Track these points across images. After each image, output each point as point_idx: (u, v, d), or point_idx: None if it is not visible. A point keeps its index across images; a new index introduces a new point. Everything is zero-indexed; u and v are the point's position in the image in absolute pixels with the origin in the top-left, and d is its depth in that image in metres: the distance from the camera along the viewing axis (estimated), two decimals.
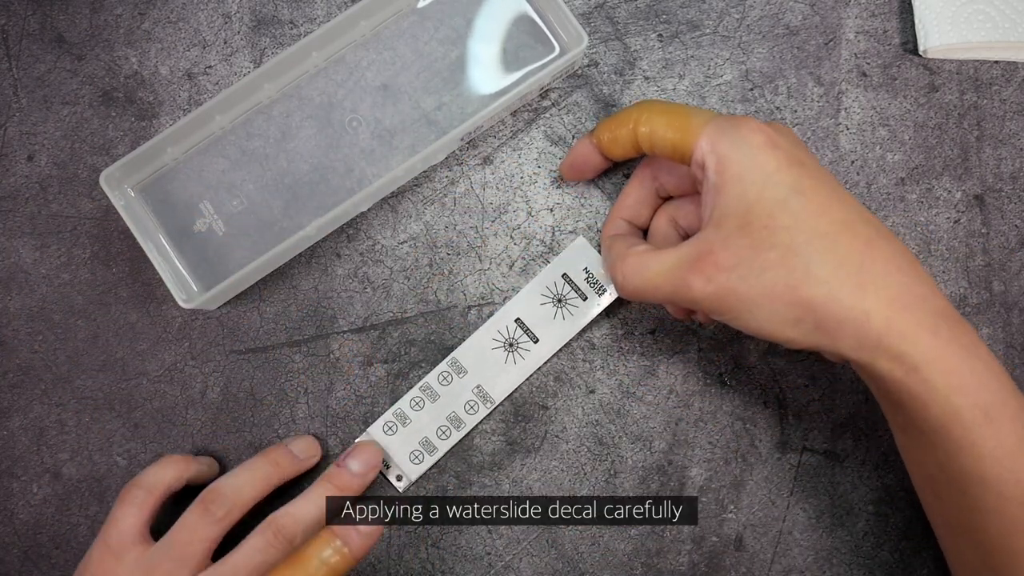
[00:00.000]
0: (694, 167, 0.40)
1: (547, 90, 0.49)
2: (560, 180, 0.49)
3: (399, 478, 0.47)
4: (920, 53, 0.49)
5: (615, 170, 0.49)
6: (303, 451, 0.46)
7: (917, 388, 0.36)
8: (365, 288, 0.49)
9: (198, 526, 0.42)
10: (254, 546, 0.41)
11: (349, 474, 0.45)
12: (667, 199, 0.46)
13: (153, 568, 0.41)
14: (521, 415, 0.48)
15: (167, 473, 0.44)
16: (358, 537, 0.41)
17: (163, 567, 0.41)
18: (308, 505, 0.43)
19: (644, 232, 0.47)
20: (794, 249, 0.37)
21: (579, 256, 0.48)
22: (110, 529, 0.42)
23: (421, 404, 0.47)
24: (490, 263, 0.49)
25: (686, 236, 0.45)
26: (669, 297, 0.40)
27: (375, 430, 0.47)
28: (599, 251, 0.48)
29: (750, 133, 0.38)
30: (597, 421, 0.48)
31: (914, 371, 0.36)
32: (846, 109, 0.49)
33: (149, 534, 0.43)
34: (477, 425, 0.47)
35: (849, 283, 0.36)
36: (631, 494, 0.47)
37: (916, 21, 0.48)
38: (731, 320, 0.39)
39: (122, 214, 0.45)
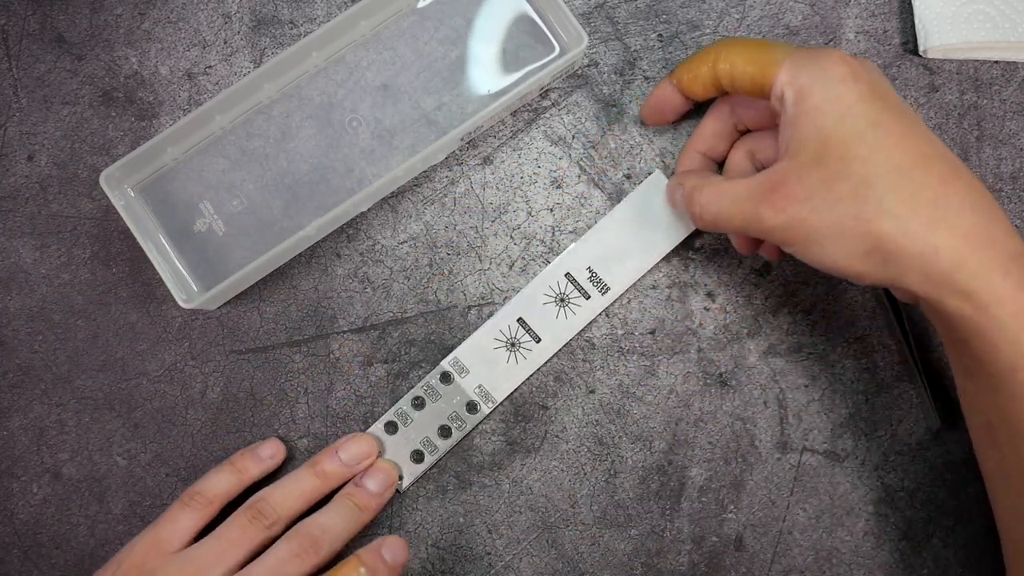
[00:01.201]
0: (773, 100, 0.40)
1: (547, 90, 0.49)
2: (641, 124, 0.49)
3: (400, 478, 0.47)
4: (920, 53, 0.49)
5: (621, 162, 0.49)
6: (353, 457, 0.46)
7: (985, 327, 0.36)
8: (365, 288, 0.49)
9: (248, 529, 0.43)
10: (285, 553, 0.42)
11: (368, 493, 0.45)
12: (744, 133, 0.46)
13: (194, 560, 0.42)
14: (521, 415, 0.48)
15: (230, 484, 0.45)
16: (385, 569, 0.42)
17: (204, 560, 0.42)
18: (334, 516, 0.44)
19: (719, 167, 0.47)
20: (867, 181, 0.37)
21: (655, 190, 0.47)
22: (166, 526, 0.43)
23: (422, 403, 0.47)
24: (490, 263, 0.49)
25: (762, 170, 0.45)
26: (742, 227, 0.40)
27: (376, 430, 0.47)
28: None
29: (832, 66, 0.38)
30: (597, 421, 0.48)
31: (983, 310, 0.36)
32: None
33: (195, 539, 0.44)
34: (478, 425, 0.47)
35: (921, 218, 0.36)
36: (631, 494, 0.47)
37: (916, 21, 0.48)
38: (800, 252, 0.39)
39: (122, 214, 0.45)
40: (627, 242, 0.48)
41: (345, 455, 0.45)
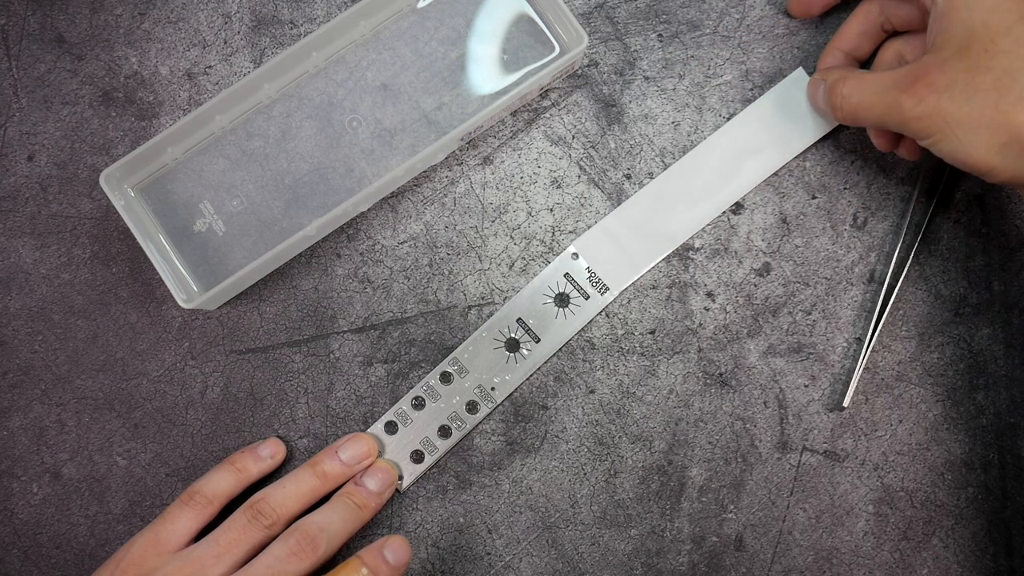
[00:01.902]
0: None
1: (547, 90, 0.49)
2: (787, 15, 0.49)
3: (400, 478, 0.47)
4: None
5: (621, 162, 0.49)
6: (353, 458, 0.46)
7: None
8: (365, 288, 0.49)
9: (247, 530, 0.43)
10: (282, 552, 0.42)
11: (367, 492, 0.45)
12: (889, 36, 0.46)
13: (193, 560, 0.42)
14: (521, 415, 0.48)
15: (230, 484, 0.45)
16: (387, 569, 0.42)
17: (203, 560, 0.42)
18: (332, 515, 0.44)
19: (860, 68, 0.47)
20: (1011, 74, 0.37)
21: (796, 88, 0.48)
22: (165, 525, 0.43)
23: (422, 403, 0.47)
24: (490, 263, 0.49)
25: None
26: (881, 117, 0.41)
27: (376, 430, 0.47)
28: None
29: None
30: (597, 421, 0.48)
31: None
32: None
33: (195, 538, 0.44)
34: (478, 425, 0.47)
35: None
36: (631, 494, 0.47)
37: None
38: (935, 144, 0.39)
39: (122, 214, 0.45)
40: (762, 137, 0.48)
41: (345, 455, 0.45)
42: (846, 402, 0.47)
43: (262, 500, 0.44)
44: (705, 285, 0.48)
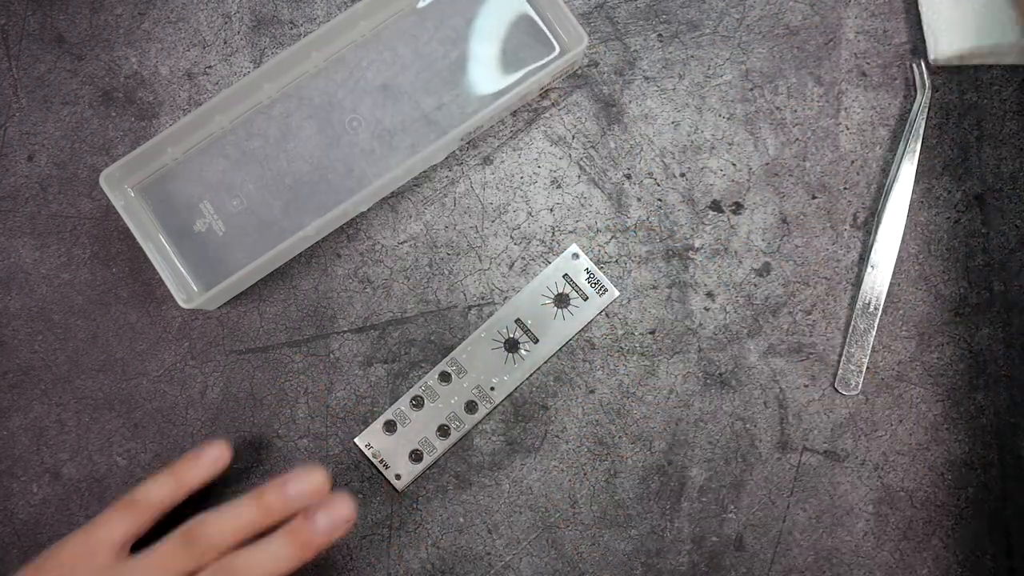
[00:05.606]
0: None
1: (547, 90, 0.49)
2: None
3: (398, 477, 0.47)
4: (930, 61, 0.48)
5: (621, 162, 0.49)
6: (300, 493, 0.41)
7: None
8: (365, 288, 0.49)
9: (178, 554, 0.41)
10: None
11: (314, 529, 0.41)
12: None
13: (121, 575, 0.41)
14: (521, 415, 0.48)
15: (169, 492, 0.43)
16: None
17: None
18: (263, 555, 0.41)
19: None
20: None
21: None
22: (98, 531, 0.42)
23: (421, 403, 0.47)
24: (490, 263, 0.49)
25: None
26: None
27: (375, 429, 0.47)
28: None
29: None
30: (597, 421, 0.48)
31: None
32: (846, 109, 0.49)
33: (129, 548, 0.42)
34: (477, 425, 0.47)
35: None
36: (631, 494, 0.47)
37: (925, 28, 0.48)
38: None
39: (122, 214, 0.45)
40: None
41: (292, 490, 0.41)
42: (859, 388, 0.47)
43: (198, 526, 0.41)
44: (705, 285, 0.48)
